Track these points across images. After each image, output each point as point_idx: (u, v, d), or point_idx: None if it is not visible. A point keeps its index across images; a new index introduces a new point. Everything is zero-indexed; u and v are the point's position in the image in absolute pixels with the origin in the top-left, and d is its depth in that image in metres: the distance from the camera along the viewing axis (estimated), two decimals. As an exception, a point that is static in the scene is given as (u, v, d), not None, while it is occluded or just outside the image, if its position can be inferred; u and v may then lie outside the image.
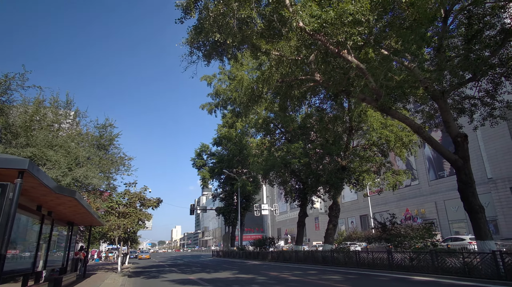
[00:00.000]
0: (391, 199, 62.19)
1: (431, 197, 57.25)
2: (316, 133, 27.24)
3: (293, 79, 13.92)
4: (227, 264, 28.61)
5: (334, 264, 19.12)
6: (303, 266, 21.31)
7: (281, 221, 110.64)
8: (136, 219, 22.74)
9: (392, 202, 61.78)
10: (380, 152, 25.22)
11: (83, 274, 18.41)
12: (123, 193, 22.19)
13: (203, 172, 46.97)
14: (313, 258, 21.79)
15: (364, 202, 71.48)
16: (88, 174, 15.83)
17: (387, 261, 14.95)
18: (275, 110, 27.17)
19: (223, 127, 47.41)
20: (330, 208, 24.95)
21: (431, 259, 12.54)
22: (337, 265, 18.87)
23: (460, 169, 12.60)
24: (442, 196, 53.48)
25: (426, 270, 12.82)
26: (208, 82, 25.65)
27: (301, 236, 28.05)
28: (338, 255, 19.16)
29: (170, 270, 23.85)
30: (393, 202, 61.59)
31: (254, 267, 23.44)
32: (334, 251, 19.37)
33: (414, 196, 57.84)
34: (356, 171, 23.98)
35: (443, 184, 54.69)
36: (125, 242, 35.53)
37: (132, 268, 28.72)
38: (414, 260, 13.32)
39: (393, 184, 24.26)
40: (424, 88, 13.33)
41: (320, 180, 23.21)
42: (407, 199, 57.93)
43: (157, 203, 23.43)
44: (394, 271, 14.31)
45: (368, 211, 74.40)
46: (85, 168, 16.22)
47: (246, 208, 45.72)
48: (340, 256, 18.89)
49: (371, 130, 24.50)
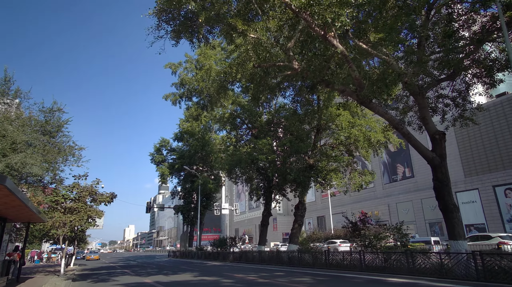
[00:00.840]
0: (347, 201, 64.03)
1: (384, 199, 59.96)
2: (284, 130, 26.53)
3: (271, 65, 12.87)
4: (186, 265, 26.89)
5: (301, 265, 18.37)
6: (268, 267, 20.35)
7: (239, 222, 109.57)
8: (86, 216, 20.36)
9: (348, 204, 63.44)
10: (347, 152, 25.08)
11: (17, 278, 15.87)
12: (71, 186, 19.73)
13: (162, 168, 44.56)
14: (278, 258, 20.93)
15: (322, 204, 73.11)
16: (26, 161, 13.51)
17: (358, 262, 14.40)
18: (243, 104, 26.08)
19: (185, 121, 45.32)
20: (296, 208, 24.29)
21: (406, 260, 12.11)
22: (303, 266, 18.13)
23: (436, 167, 12.31)
24: (394, 199, 56.30)
25: (400, 271, 12.39)
26: (173, 70, 23.84)
27: (265, 236, 27.15)
28: (305, 255, 18.45)
29: (122, 272, 21.70)
30: (349, 204, 63.25)
31: (216, 268, 22.07)
32: (301, 251, 18.60)
33: (369, 199, 59.86)
34: (324, 170, 23.54)
35: (396, 188, 57.53)
36: (72, 241, 32.50)
37: (79, 270, 25.95)
38: (387, 261, 12.85)
39: (359, 185, 24.19)
40: (403, 83, 12.93)
41: (288, 178, 22.42)
42: (362, 201, 59.79)
43: (110, 199, 21.17)
44: (367, 273, 13.79)
45: (325, 212, 76.27)
46: (24, 154, 13.85)
47: (207, 206, 44.04)
48: (307, 256, 18.17)
49: (340, 129, 24.27)
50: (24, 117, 18.71)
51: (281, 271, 17.41)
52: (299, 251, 18.55)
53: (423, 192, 53.07)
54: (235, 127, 27.47)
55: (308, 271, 16.38)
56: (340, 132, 24.35)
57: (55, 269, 25.16)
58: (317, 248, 21.95)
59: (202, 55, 23.73)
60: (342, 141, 24.71)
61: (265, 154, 23.14)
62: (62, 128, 20.69)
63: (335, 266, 16.02)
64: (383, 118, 13.38)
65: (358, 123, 24.22)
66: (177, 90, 25.40)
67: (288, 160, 23.91)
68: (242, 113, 25.51)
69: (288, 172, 22.92)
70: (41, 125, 19.41)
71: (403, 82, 12.85)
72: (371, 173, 25.18)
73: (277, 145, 23.61)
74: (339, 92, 12.75)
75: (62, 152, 19.84)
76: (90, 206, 20.90)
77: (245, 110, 25.17)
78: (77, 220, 19.22)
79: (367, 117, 24.89)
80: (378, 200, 60.68)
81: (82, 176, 20.37)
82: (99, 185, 20.89)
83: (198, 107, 25.91)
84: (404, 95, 15.13)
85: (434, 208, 50.69)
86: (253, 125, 27.15)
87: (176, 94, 24.17)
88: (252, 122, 26.85)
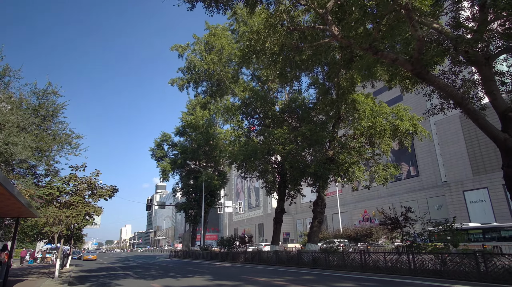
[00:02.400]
0: (349, 201, 62.50)
1: (388, 199, 58.36)
2: (298, 120, 24.38)
3: (307, 28, 10.73)
4: (192, 266, 24.69)
5: (328, 267, 16.22)
6: (288, 269, 18.21)
7: (238, 221, 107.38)
8: (83, 212, 18.08)
9: (351, 203, 61.80)
10: (369, 143, 22.99)
11: (4, 282, 13.62)
12: (68, 177, 17.43)
13: (163, 164, 42.27)
14: (299, 260, 18.75)
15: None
16: (10, 139, 11.22)
17: (405, 264, 12.28)
18: (256, 90, 23.89)
19: (188, 114, 43.07)
20: (315, 203, 22.19)
21: (475, 263, 9.99)
22: (331, 269, 16.00)
23: (509, 151, 10.19)
24: (398, 199, 54.78)
25: (466, 276, 10.27)
26: (179, 52, 21.63)
27: (278, 235, 24.99)
28: (333, 257, 16.31)
29: (124, 274, 19.50)
30: (351, 204, 61.56)
31: (228, 270, 19.89)
32: (328, 252, 16.44)
33: (372, 198, 58.11)
34: (345, 162, 21.41)
35: (400, 187, 55.98)
36: (68, 240, 30.18)
37: (75, 271, 23.68)
38: (446, 264, 10.74)
39: (384, 178, 22.11)
40: (463, 52, 10.80)
41: (307, 170, 20.28)
42: (365, 200, 57.96)
43: (111, 192, 18.87)
44: (420, 277, 11.65)
45: (326, 211, 74.39)
46: (7, 131, 11.58)
47: (211, 204, 41.79)
48: (335, 258, 16.04)
49: (361, 119, 22.21)
50: (14, 99, 16.44)
51: (309, 274, 15.27)
52: (326, 252, 16.39)
53: (428, 191, 51.60)
54: (246, 116, 25.28)
55: (343, 275, 14.26)
56: (361, 121, 22.30)
57: (50, 271, 22.88)
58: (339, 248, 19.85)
59: (212, 35, 21.53)
60: (363, 131, 22.64)
61: (282, 144, 21.02)
62: (58, 113, 18.45)
63: (372, 269, 13.91)
64: (443, 92, 11.26)
65: (383, 111, 22.16)
66: (184, 75, 23.23)
67: (306, 152, 21.80)
68: (254, 100, 23.31)
69: (308, 164, 20.82)
70: (33, 109, 17.16)
71: (462, 51, 10.75)
72: (395, 167, 23.09)
73: (294, 135, 21.47)
74: (389, 61, 10.65)
75: (58, 139, 17.60)
76: (88, 203, 18.62)
77: (258, 97, 22.99)
78: (73, 216, 16.94)
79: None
80: (382, 200, 59.13)
81: (80, 167, 18.06)
82: (98, 177, 18.59)
83: (206, 94, 23.70)
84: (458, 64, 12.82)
85: (441, 207, 49.40)
86: (266, 115, 25.00)
87: (183, 79, 21.97)
88: (265, 111, 24.69)
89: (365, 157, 22.77)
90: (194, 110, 42.25)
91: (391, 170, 22.37)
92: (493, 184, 39.85)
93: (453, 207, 43.11)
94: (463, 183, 42.79)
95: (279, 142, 21.10)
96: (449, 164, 44.82)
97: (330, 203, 71.59)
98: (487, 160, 43.69)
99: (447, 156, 45.41)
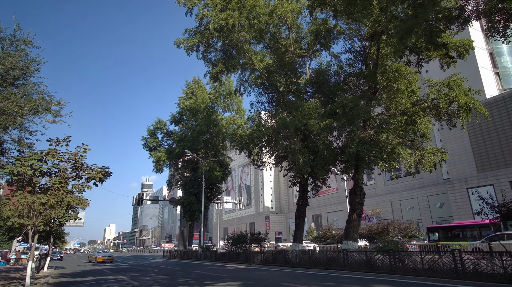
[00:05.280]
0: (345, 199, 59.84)
1: (386, 197, 56.56)
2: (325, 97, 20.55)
3: None
4: (199, 269, 20.52)
5: (391, 270, 12.35)
6: (331, 274, 14.33)
7: (228, 220, 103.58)
8: (65, 202, 13.65)
9: (346, 201, 58.95)
10: (410, 122, 19.29)
11: None
12: (46, 152, 12.96)
13: (157, 153, 37.79)
14: (344, 261, 14.83)
15: (316, 202, 69.08)
16: None
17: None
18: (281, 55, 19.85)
19: (186, 99, 38.76)
20: (352, 193, 18.42)
21: None
22: (395, 273, 12.14)
23: None
24: (397, 196, 53.10)
25: None
26: (188, 7, 17.44)
27: (301, 232, 21.02)
28: (385, 257, 12.50)
29: (118, 280, 15.23)
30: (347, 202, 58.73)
31: (252, 274, 15.82)
32: (390, 251, 12.55)
33: (369, 196, 55.99)
34: (388, 143, 17.64)
35: (399, 185, 54.10)
36: (46, 238, 25.56)
37: (55, 276, 19.19)
38: None
39: (432, 164, 18.50)
40: None
41: (347, 151, 16.42)
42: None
43: (103, 175, 14.41)
44: None
45: (320, 210, 71.73)
46: None
47: (211, 198, 37.57)
48: (387, 258, 12.24)
49: (403, 92, 18.60)
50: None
51: (351, 278, 11.41)
52: (389, 251, 12.50)
53: (429, 189, 49.74)
54: (265, 90, 21.22)
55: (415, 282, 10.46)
56: (403, 96, 18.68)
57: (22, 276, 18.24)
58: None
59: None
60: (405, 108, 19.02)
61: (316, 119, 17.14)
62: (32, 70, 14.03)
63: (441, 274, 10.15)
64: None
65: (434, 83, 18.54)
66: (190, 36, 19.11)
67: (344, 130, 17.99)
68: (278, 67, 19.27)
69: (347, 144, 16.97)
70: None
71: None
72: (442, 151, 19.53)
73: (330, 108, 17.63)
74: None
75: (32, 101, 13.18)
76: (71, 190, 14.12)
77: (283, 64, 18.99)
78: (51, 204, 12.54)
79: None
80: (380, 197, 57.30)
81: (63, 141, 13.59)
82: (86, 154, 14.15)
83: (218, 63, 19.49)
84: None
85: (442, 205, 47.26)
86: (289, 89, 21.05)
87: (193, 38, 17.78)
88: (288, 84, 20.76)
89: (409, 139, 19.15)
90: (193, 94, 38.00)
91: (441, 155, 18.82)
92: (499, 181, 38.66)
93: (456, 205, 41.86)
94: (467, 180, 41.58)
95: (311, 117, 17.19)
96: (452, 161, 42.93)
97: (325, 202, 69.24)
98: (493, 157, 41.62)
99: (450, 153, 44.69)
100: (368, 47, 19.76)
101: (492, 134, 41.31)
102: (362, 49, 20.47)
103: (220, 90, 38.00)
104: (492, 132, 41.23)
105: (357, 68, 20.95)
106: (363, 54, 20.21)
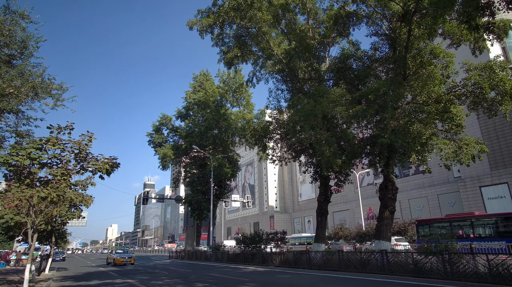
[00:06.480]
0: (351, 198, 59.14)
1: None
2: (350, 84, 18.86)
3: None
4: (212, 271, 18.86)
5: (446, 276, 10.65)
6: (370, 278, 12.67)
7: (231, 220, 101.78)
8: (68, 198, 12.07)
9: (353, 201, 58.25)
10: (443, 112, 17.55)
11: None
12: (46, 140, 11.32)
13: (163, 150, 36.19)
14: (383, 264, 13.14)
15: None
16: None
17: None
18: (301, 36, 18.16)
19: (194, 93, 37.11)
20: (383, 188, 16.73)
21: None
22: (451, 279, 10.44)
23: None
24: (406, 195, 51.42)
25: None
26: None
27: (324, 230, 19.35)
28: (442, 260, 10.79)
29: (126, 285, 13.59)
30: (354, 201, 57.92)
31: (273, 276, 14.16)
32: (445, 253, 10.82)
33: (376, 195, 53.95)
34: (422, 133, 15.95)
35: (408, 183, 52.44)
36: (48, 238, 24.11)
37: (56, 278, 17.60)
38: None
39: (471, 156, 16.80)
40: None
41: (379, 141, 14.75)
42: (368, 198, 54.12)
43: (110, 167, 12.77)
44: None
45: (325, 210, 70.02)
46: None
47: (220, 196, 35.89)
48: (437, 261, 10.51)
49: (437, 78, 16.91)
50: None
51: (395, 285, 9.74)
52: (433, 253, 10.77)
53: (439, 187, 47.81)
54: (284, 78, 19.53)
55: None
56: (437, 82, 16.98)
57: (21, 278, 16.64)
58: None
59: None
60: (440, 95, 17.35)
61: (343, 105, 15.47)
62: (29, 48, 12.41)
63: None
64: None
65: (474, 67, 16.80)
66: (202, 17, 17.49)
67: (373, 118, 16.33)
68: (300, 51, 17.57)
69: (380, 133, 15.28)
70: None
71: None
72: (479, 143, 17.81)
73: (359, 95, 15.94)
74: None
75: (30, 82, 11.55)
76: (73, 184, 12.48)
77: (305, 48, 17.30)
78: (52, 199, 10.92)
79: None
80: None
81: (65, 128, 11.97)
82: (92, 143, 12.53)
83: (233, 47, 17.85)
84: None
85: (453, 204, 45.30)
86: (310, 75, 19.37)
87: (207, 18, 16.12)
88: (309, 70, 19.08)
89: (444, 129, 17.48)
90: (201, 87, 36.33)
91: (480, 147, 17.11)
92: (514, 178, 36.67)
93: (468, 204, 39.80)
94: (480, 178, 39.44)
95: (339, 103, 15.52)
96: (464, 158, 41.16)
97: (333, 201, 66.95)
98: (507, 154, 39.81)
99: (461, 150, 42.66)
100: (398, 29, 18.06)
101: (505, 130, 39.43)
102: (391, 31, 18.77)
103: (229, 83, 36.35)
104: (506, 128, 39.34)
105: (383, 52, 19.27)
106: (392, 37, 18.49)
